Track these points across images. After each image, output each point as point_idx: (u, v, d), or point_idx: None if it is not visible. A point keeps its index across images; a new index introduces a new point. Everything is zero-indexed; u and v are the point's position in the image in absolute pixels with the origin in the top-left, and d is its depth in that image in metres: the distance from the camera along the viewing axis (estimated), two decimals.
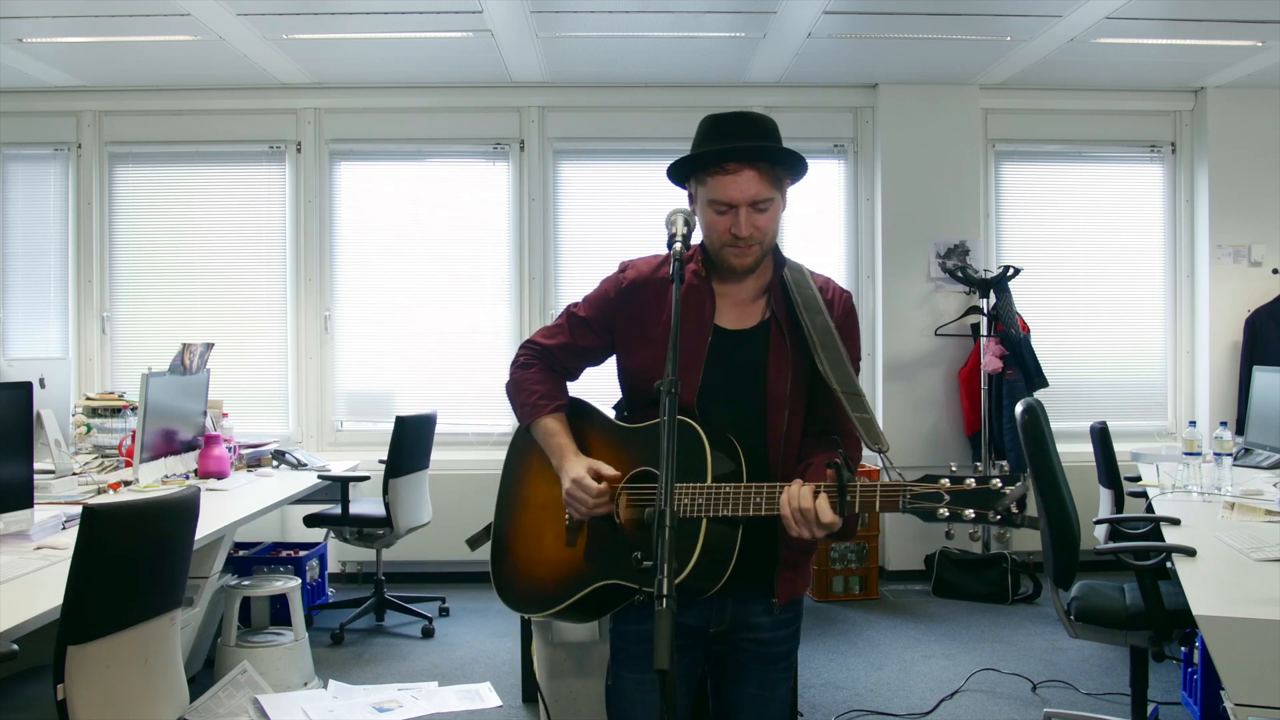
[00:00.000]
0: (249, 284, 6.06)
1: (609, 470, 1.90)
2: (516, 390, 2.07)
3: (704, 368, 1.92)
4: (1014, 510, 1.61)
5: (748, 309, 1.98)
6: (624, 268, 2.05)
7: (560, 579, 1.95)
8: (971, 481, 1.63)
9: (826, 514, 1.70)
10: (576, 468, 1.91)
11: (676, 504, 1.74)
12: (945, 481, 1.64)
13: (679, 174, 1.95)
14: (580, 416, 2.06)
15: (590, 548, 1.93)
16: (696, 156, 1.88)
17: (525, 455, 2.09)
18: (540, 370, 2.07)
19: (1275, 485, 3.76)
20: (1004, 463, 1.58)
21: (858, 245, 6.14)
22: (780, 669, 2.02)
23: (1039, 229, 6.18)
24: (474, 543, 2.20)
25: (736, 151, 1.85)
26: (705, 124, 1.93)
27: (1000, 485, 1.62)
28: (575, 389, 2.14)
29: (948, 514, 1.63)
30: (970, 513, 1.62)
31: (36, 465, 3.21)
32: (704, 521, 1.76)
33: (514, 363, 2.11)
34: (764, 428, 1.92)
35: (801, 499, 1.71)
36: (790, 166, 1.90)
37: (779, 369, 1.93)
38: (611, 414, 2.10)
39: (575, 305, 2.08)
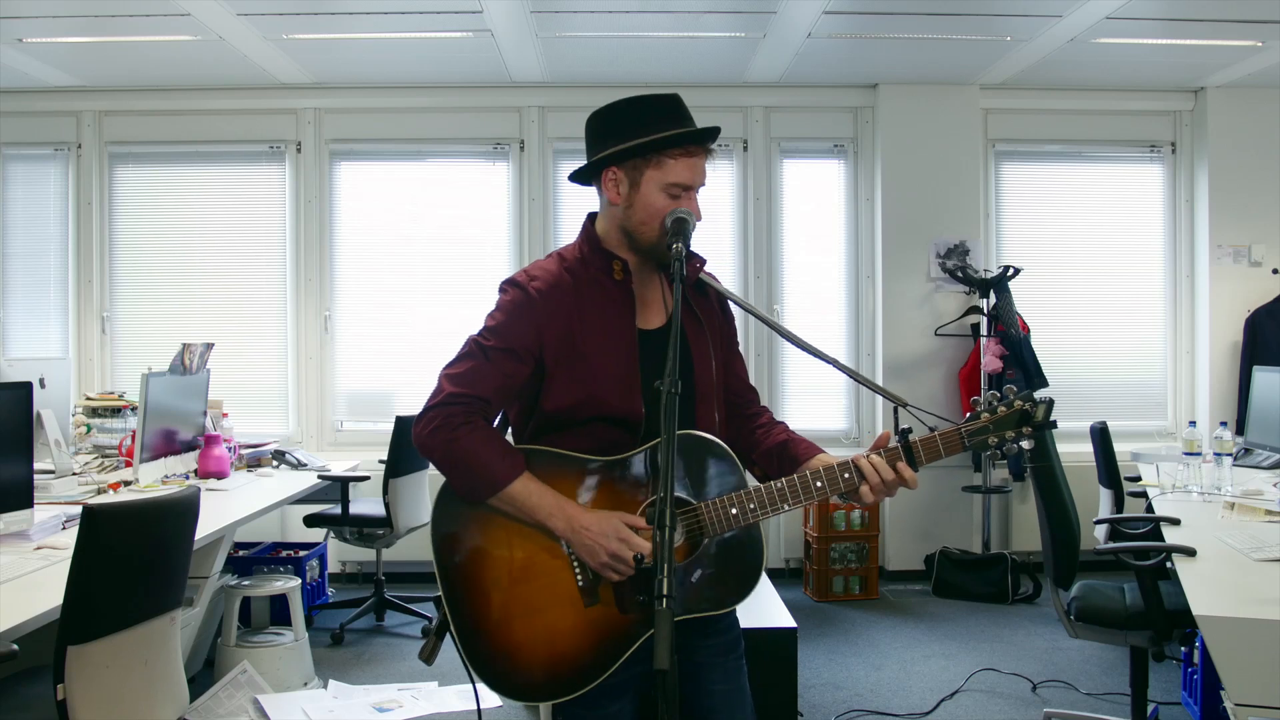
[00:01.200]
0: (249, 284, 6.06)
1: (639, 520, 1.77)
2: (467, 457, 1.76)
3: (640, 375, 1.83)
4: (1045, 420, 1.82)
5: (655, 306, 1.92)
6: (525, 280, 1.84)
7: (596, 644, 1.77)
8: (1002, 408, 1.83)
9: (912, 477, 1.81)
10: (614, 524, 1.75)
11: (730, 516, 1.78)
12: (985, 415, 1.83)
13: (612, 158, 1.85)
14: (540, 463, 1.83)
15: (623, 597, 1.77)
16: (676, 136, 1.81)
17: (472, 531, 1.82)
18: (484, 427, 1.80)
19: (1275, 485, 3.76)
20: (1012, 386, 1.81)
21: (858, 245, 6.14)
22: (736, 657, 1.97)
23: (1039, 229, 6.18)
24: (430, 654, 1.91)
25: (710, 133, 1.86)
26: (639, 106, 1.86)
27: (1023, 404, 1.83)
28: None
29: (997, 440, 1.82)
30: (1011, 433, 1.82)
31: (36, 465, 3.21)
32: (761, 526, 1.82)
33: (443, 424, 1.77)
34: (692, 423, 1.85)
35: (883, 470, 1.79)
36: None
37: (702, 359, 1.91)
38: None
39: (481, 339, 1.82)
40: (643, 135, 1.82)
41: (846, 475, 1.80)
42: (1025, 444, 1.80)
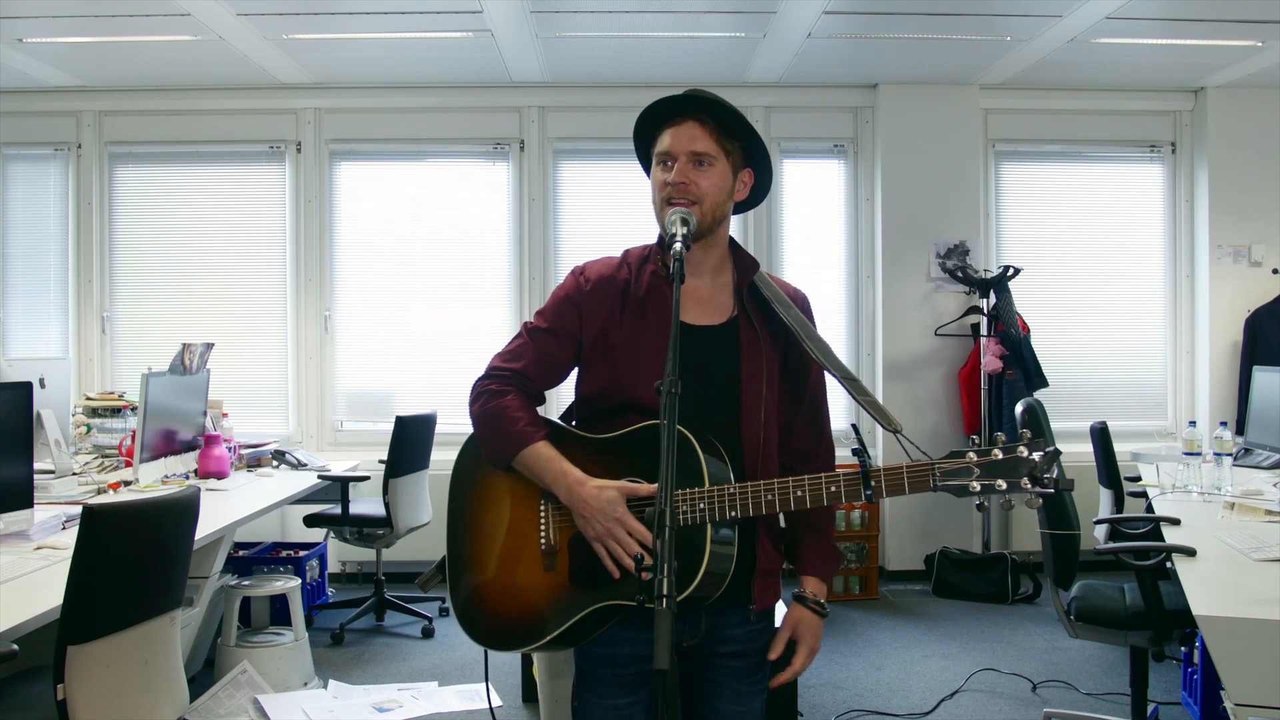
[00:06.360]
0: (249, 284, 6.06)
1: (645, 488, 1.74)
2: (496, 420, 1.87)
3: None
4: (1047, 476, 1.56)
5: (712, 305, 1.90)
6: (581, 270, 1.94)
7: (544, 608, 1.82)
8: (999, 452, 1.58)
9: (803, 660, 2.00)
10: (611, 499, 1.73)
11: (678, 511, 1.69)
12: (972, 455, 1.59)
13: (646, 159, 1.95)
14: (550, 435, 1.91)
15: (575, 570, 1.81)
16: (647, 111, 1.89)
17: (479, 479, 1.93)
18: (516, 396, 1.89)
19: (1275, 485, 3.76)
20: (1026, 430, 1.55)
21: (858, 245, 6.14)
22: (754, 681, 1.94)
23: (1039, 229, 6.18)
24: (426, 583, 2.02)
25: (676, 101, 1.88)
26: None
27: (1027, 452, 1.57)
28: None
29: (979, 487, 1.58)
30: (1002, 483, 1.58)
31: (36, 465, 3.21)
32: (709, 527, 1.70)
33: (484, 392, 1.91)
34: (738, 429, 1.84)
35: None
36: (734, 132, 1.92)
37: (753, 366, 1.86)
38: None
39: (531, 321, 1.96)
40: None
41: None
42: (1022, 498, 1.56)
